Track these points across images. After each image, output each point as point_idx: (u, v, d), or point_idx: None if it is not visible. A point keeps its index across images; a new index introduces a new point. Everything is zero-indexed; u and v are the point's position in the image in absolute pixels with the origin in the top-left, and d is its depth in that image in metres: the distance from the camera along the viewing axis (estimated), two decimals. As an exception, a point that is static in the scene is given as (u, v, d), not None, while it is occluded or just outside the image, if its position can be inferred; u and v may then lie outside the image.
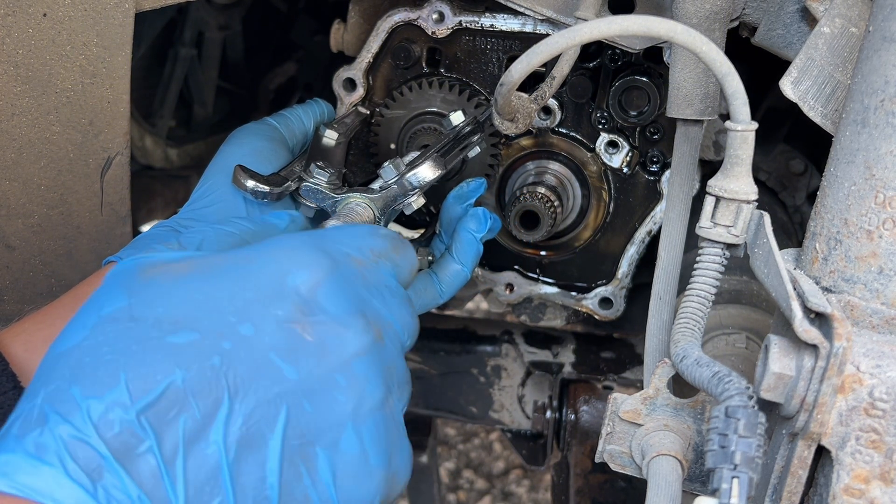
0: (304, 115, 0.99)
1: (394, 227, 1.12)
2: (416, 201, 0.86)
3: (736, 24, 0.84)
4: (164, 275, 0.58)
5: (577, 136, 1.05)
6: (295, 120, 0.98)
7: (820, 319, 0.60)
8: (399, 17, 1.02)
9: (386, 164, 0.85)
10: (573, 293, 1.14)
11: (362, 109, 1.06)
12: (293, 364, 0.57)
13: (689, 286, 0.73)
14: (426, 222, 1.11)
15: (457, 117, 0.95)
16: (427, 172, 0.85)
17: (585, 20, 0.85)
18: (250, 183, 0.81)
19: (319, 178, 0.85)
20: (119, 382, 0.51)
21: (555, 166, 1.08)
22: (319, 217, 0.87)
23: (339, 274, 0.62)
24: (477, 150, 0.98)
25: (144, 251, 0.73)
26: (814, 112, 0.73)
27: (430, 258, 1.00)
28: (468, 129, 0.96)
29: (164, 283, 0.58)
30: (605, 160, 1.05)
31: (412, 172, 0.84)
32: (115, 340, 0.54)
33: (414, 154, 0.89)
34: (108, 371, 0.52)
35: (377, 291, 0.64)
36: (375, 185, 0.85)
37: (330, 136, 0.93)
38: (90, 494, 0.49)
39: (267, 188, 0.82)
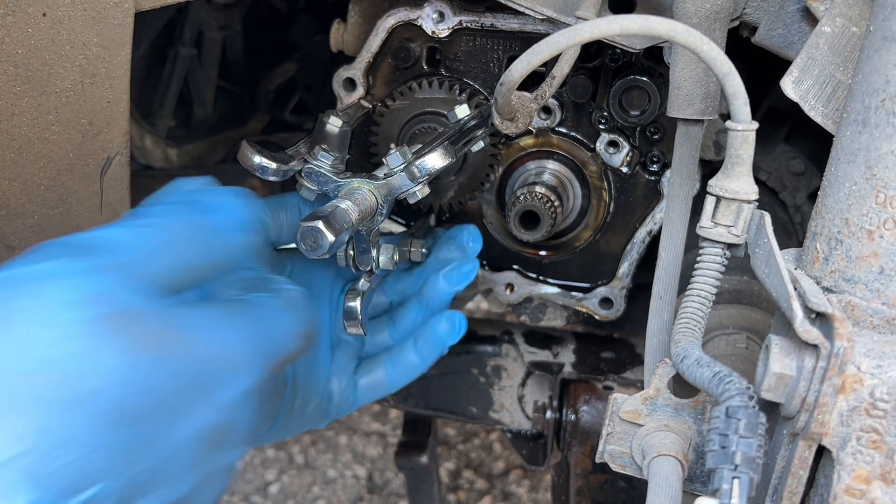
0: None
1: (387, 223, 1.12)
2: (422, 190, 0.84)
3: (736, 23, 0.84)
4: None
5: (578, 136, 1.05)
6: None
7: (821, 319, 0.60)
8: (399, 16, 1.01)
9: (392, 150, 0.83)
10: (573, 293, 1.14)
11: (365, 103, 1.05)
12: None
13: (689, 286, 0.72)
14: (419, 213, 1.10)
15: (462, 110, 0.94)
16: (436, 160, 0.82)
17: (586, 20, 0.85)
18: (257, 158, 0.80)
19: (323, 162, 0.84)
20: None
21: (555, 166, 1.07)
22: (321, 200, 0.85)
23: None
24: (480, 144, 0.97)
25: None
26: (815, 112, 0.73)
27: (424, 251, 0.99)
28: (473, 122, 0.94)
29: None
30: (605, 160, 1.05)
31: (420, 160, 0.82)
32: None
33: (419, 145, 0.88)
34: None
35: None
36: (379, 173, 0.84)
37: (334, 123, 0.92)
38: None
39: (274, 164, 0.80)
